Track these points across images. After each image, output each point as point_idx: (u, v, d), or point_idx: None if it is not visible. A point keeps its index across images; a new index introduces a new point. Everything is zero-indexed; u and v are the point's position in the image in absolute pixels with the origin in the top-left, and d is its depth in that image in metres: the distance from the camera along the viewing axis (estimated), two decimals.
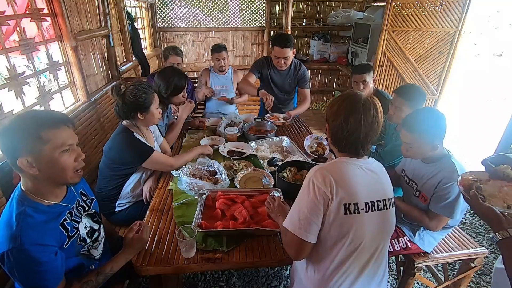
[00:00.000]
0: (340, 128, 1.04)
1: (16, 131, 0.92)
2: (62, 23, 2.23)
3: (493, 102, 6.21)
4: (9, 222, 0.92)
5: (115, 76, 3.17)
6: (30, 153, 0.92)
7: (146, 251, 1.22)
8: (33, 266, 0.91)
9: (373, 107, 1.03)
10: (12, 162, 0.94)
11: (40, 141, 0.92)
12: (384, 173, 1.12)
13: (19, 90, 1.75)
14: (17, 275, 0.92)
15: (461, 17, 3.38)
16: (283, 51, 2.38)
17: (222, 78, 3.03)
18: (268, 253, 1.23)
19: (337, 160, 1.08)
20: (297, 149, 2.00)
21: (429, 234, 1.56)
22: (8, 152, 0.93)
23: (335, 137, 1.08)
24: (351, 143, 1.04)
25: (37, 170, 0.94)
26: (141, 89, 1.59)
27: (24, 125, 0.93)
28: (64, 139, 0.97)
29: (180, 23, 5.07)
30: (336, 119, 1.05)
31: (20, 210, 0.94)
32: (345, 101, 1.05)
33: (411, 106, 1.81)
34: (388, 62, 3.62)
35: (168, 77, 2.00)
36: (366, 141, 1.04)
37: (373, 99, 1.05)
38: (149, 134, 1.79)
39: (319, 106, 5.42)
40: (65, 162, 0.98)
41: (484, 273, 2.11)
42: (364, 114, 1.01)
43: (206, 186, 1.55)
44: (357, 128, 1.01)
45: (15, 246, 0.88)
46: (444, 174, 1.36)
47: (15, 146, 0.92)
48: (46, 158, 0.94)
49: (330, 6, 5.15)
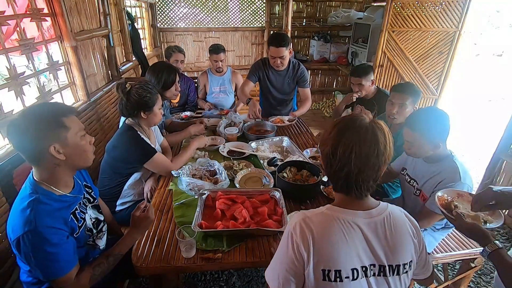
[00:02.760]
0: (328, 161, 0.85)
1: (40, 121, 0.97)
2: (62, 23, 2.23)
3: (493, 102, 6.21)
4: (23, 209, 0.97)
5: (115, 76, 3.17)
6: (57, 140, 0.99)
7: (146, 251, 1.23)
8: (47, 248, 0.96)
9: (372, 135, 0.81)
10: (37, 155, 0.99)
11: (64, 128, 1.01)
12: (403, 224, 0.88)
13: (19, 90, 1.75)
14: (33, 258, 0.96)
15: (461, 17, 3.38)
16: (279, 50, 2.37)
17: (220, 79, 3.04)
18: (268, 253, 1.23)
19: (326, 210, 0.86)
20: (297, 149, 1.99)
21: (429, 234, 1.56)
22: (34, 147, 0.97)
23: (326, 171, 0.90)
24: (342, 180, 0.84)
25: (64, 156, 1.01)
26: (146, 89, 1.63)
27: (46, 115, 0.99)
28: (80, 125, 1.08)
29: (180, 23, 5.07)
30: (324, 148, 0.87)
31: (33, 198, 0.99)
32: (336, 126, 0.85)
33: (413, 101, 1.82)
34: (388, 62, 3.62)
35: (157, 72, 2.00)
36: (362, 179, 0.82)
37: (375, 125, 0.83)
38: (151, 133, 1.81)
39: (319, 106, 5.42)
40: (86, 146, 1.08)
41: (484, 273, 2.11)
42: (356, 143, 0.80)
43: (206, 186, 1.55)
44: (347, 162, 0.81)
45: (30, 229, 0.93)
46: (446, 175, 1.36)
47: (43, 135, 0.97)
48: (71, 143, 1.03)
49: (330, 6, 5.15)
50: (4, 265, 1.38)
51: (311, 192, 1.58)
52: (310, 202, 1.55)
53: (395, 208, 0.91)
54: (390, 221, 0.86)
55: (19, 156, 1.53)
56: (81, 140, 1.06)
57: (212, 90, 3.05)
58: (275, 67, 2.51)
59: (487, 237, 0.99)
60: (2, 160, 1.47)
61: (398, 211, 0.91)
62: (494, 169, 2.44)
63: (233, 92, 3.13)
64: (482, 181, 2.57)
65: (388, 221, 0.85)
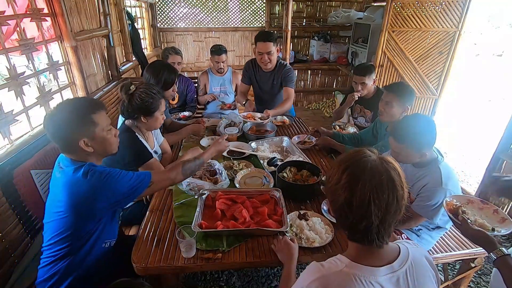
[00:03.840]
0: (343, 213, 0.77)
1: (72, 118, 1.10)
2: (62, 23, 2.23)
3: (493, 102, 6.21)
4: (84, 175, 1.09)
5: (115, 76, 3.17)
6: (86, 135, 1.12)
7: (146, 251, 1.23)
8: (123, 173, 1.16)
9: (388, 179, 0.73)
10: (70, 145, 1.12)
11: (93, 124, 1.13)
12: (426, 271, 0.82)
13: (19, 90, 1.75)
14: (123, 187, 1.14)
15: (461, 17, 3.37)
16: (266, 45, 2.34)
17: (221, 79, 3.04)
18: (268, 253, 1.23)
19: (345, 268, 0.76)
20: (297, 149, 2.00)
21: (426, 234, 1.58)
22: (66, 138, 1.11)
23: (340, 222, 0.82)
24: (361, 232, 0.76)
25: (92, 148, 1.14)
26: (150, 94, 1.60)
27: (78, 112, 1.11)
28: (108, 120, 1.20)
29: (180, 23, 5.07)
30: (335, 199, 0.77)
31: (87, 164, 1.13)
32: (346, 172, 0.76)
33: (401, 102, 1.83)
34: (388, 62, 3.62)
35: (158, 72, 1.98)
36: (384, 228, 0.75)
37: (387, 164, 0.75)
38: (149, 136, 1.80)
39: (319, 106, 5.42)
40: (111, 139, 1.21)
41: (484, 273, 2.11)
42: (373, 192, 0.71)
43: (206, 186, 1.56)
44: (366, 215, 0.72)
45: (104, 174, 1.11)
46: (429, 180, 1.40)
47: (74, 131, 1.10)
48: (98, 137, 1.15)
49: (330, 6, 5.15)
50: (4, 265, 1.38)
51: (311, 192, 1.58)
52: (310, 202, 1.55)
53: (416, 253, 0.84)
54: (412, 272, 0.79)
55: (19, 156, 1.55)
56: (107, 134, 1.18)
57: (213, 90, 3.05)
58: (263, 65, 2.45)
59: (493, 243, 0.99)
60: (2, 160, 1.47)
61: (419, 256, 0.84)
62: (494, 169, 2.44)
63: (234, 92, 3.12)
64: (482, 181, 2.57)
65: (411, 272, 0.79)
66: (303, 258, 1.21)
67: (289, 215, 1.38)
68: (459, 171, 3.47)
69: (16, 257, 1.45)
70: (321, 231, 1.30)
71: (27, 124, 1.85)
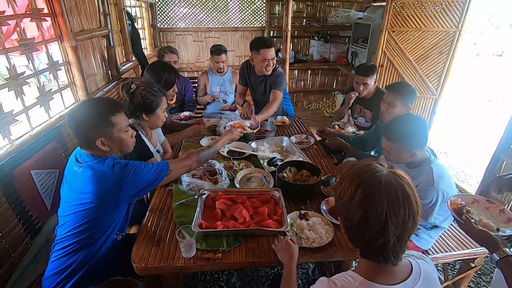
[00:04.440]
0: (359, 231, 0.74)
1: (93, 118, 1.16)
2: (62, 23, 2.23)
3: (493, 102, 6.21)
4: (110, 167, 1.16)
5: (115, 76, 3.17)
6: (103, 135, 1.17)
7: (146, 251, 1.23)
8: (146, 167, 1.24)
9: (403, 195, 0.71)
10: (88, 143, 1.18)
11: (110, 125, 1.18)
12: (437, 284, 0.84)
13: (19, 90, 1.75)
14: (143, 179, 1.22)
15: (461, 17, 3.37)
16: (272, 51, 2.31)
17: (221, 79, 3.04)
18: (268, 253, 1.23)
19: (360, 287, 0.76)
20: (297, 149, 2.00)
21: (424, 233, 1.58)
22: (85, 136, 1.17)
23: (354, 241, 0.80)
24: (377, 250, 0.74)
25: (108, 147, 1.20)
26: (151, 91, 1.62)
27: (98, 113, 1.17)
28: (126, 121, 1.25)
29: (180, 23, 5.07)
30: (350, 216, 0.75)
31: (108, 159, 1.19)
32: (358, 190, 0.73)
33: (404, 101, 1.83)
34: (388, 62, 3.62)
35: (158, 72, 1.98)
36: (400, 245, 0.74)
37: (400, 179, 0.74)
38: (152, 134, 1.81)
39: (319, 106, 5.42)
40: (127, 140, 1.27)
41: (484, 273, 2.11)
42: (390, 208, 0.70)
43: (206, 186, 1.56)
44: (383, 232, 0.71)
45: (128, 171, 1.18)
46: (421, 179, 1.40)
47: (92, 131, 1.16)
48: (115, 138, 1.21)
49: (330, 6, 5.15)
50: (4, 265, 1.38)
51: (311, 192, 1.58)
52: (310, 202, 1.55)
53: (427, 267, 0.83)
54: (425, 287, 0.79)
55: (19, 156, 1.55)
56: (124, 135, 1.25)
57: (213, 90, 3.05)
58: (266, 71, 2.39)
59: (497, 244, 0.99)
60: (2, 160, 1.47)
61: (430, 269, 0.84)
62: (494, 169, 2.44)
63: (233, 92, 3.12)
64: (482, 181, 2.57)
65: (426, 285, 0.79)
66: (302, 258, 1.21)
67: (289, 215, 1.38)
68: (459, 171, 3.48)
69: (16, 257, 1.45)
70: (321, 231, 1.30)
71: (27, 124, 1.85)
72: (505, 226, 1.15)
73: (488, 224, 1.14)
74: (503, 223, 1.17)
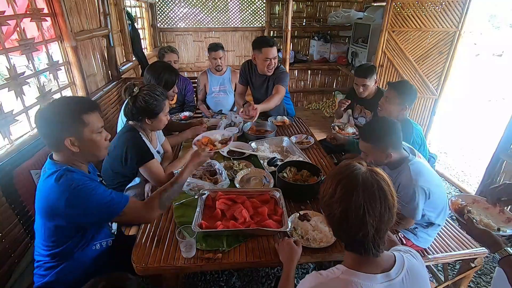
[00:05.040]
0: (340, 226, 0.81)
1: (62, 115, 1.07)
2: (62, 23, 2.23)
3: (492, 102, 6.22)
4: (57, 179, 1.06)
5: (115, 76, 3.17)
6: (73, 134, 1.08)
7: (146, 251, 1.23)
8: (95, 193, 1.09)
9: (378, 189, 0.77)
10: (56, 143, 1.09)
11: (82, 124, 1.09)
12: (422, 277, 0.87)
13: (19, 90, 1.75)
14: (91, 209, 1.07)
15: (461, 17, 3.37)
16: (273, 50, 2.35)
17: (220, 78, 3.04)
18: (268, 253, 1.23)
19: (342, 275, 0.80)
20: (297, 149, 2.00)
21: (422, 232, 1.59)
22: (53, 135, 1.08)
23: (337, 235, 0.86)
24: (358, 242, 0.79)
25: (78, 148, 1.10)
26: (153, 95, 1.60)
27: (68, 110, 1.08)
28: (99, 122, 1.15)
29: (180, 23, 5.07)
30: (331, 213, 0.81)
31: (63, 168, 1.09)
32: (339, 185, 0.79)
33: (400, 99, 1.85)
34: (388, 62, 3.62)
35: (159, 72, 1.98)
36: (379, 236, 0.79)
37: (376, 176, 0.80)
38: (153, 136, 1.80)
39: (319, 106, 5.42)
40: (100, 141, 1.16)
41: (484, 273, 2.11)
42: (367, 203, 0.75)
43: (206, 186, 1.56)
44: (362, 225, 0.76)
45: (73, 187, 1.05)
46: (401, 179, 1.43)
47: (61, 129, 1.07)
48: (86, 138, 1.11)
49: (330, 6, 5.15)
50: (4, 265, 1.38)
51: (311, 192, 1.57)
52: (310, 202, 1.55)
53: (413, 261, 0.87)
54: (408, 280, 0.81)
55: (19, 156, 1.55)
56: (97, 136, 1.14)
57: (212, 90, 3.05)
58: (267, 71, 2.42)
59: (498, 243, 0.99)
60: (2, 160, 1.47)
61: (416, 264, 0.87)
62: (494, 169, 2.44)
63: (233, 92, 3.13)
64: (482, 181, 2.57)
65: (407, 280, 0.81)
66: (303, 258, 1.21)
67: (289, 218, 1.37)
68: (459, 171, 3.48)
69: (16, 257, 1.45)
70: (326, 229, 1.30)
71: (27, 124, 1.85)
72: (506, 226, 1.16)
73: (489, 224, 1.15)
74: (503, 223, 1.18)
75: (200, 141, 1.64)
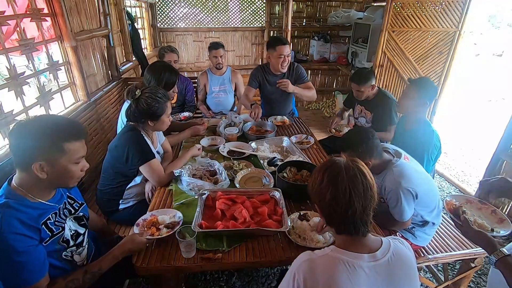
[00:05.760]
0: (332, 208, 0.88)
1: (42, 137, 0.95)
2: (62, 23, 2.23)
3: (492, 102, 6.22)
4: None
5: (115, 76, 3.17)
6: (46, 159, 0.96)
7: (146, 251, 1.22)
8: (13, 256, 0.91)
9: (358, 172, 0.88)
10: (24, 163, 0.97)
11: (61, 152, 0.98)
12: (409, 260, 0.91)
13: (19, 90, 1.75)
14: None
15: (461, 17, 3.37)
16: (287, 47, 2.46)
17: (220, 78, 3.04)
18: (268, 253, 1.23)
19: (331, 252, 0.88)
20: (297, 149, 2.00)
21: (419, 231, 1.60)
22: (24, 154, 0.96)
23: (329, 218, 0.92)
24: (349, 221, 0.87)
25: (46, 174, 0.98)
26: (156, 98, 1.60)
27: (51, 133, 0.96)
28: (80, 153, 1.04)
29: (180, 23, 5.08)
30: (322, 198, 0.90)
31: (2, 202, 0.95)
32: (325, 174, 0.90)
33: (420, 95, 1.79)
34: (388, 62, 3.62)
35: (159, 73, 1.98)
36: (366, 214, 0.87)
37: (354, 164, 0.91)
38: (154, 137, 1.81)
39: (319, 106, 5.42)
40: (74, 172, 1.05)
41: (484, 273, 2.11)
42: (351, 183, 0.86)
43: (206, 186, 1.56)
44: (350, 204, 0.85)
45: None
46: (386, 183, 1.45)
47: (34, 151, 0.95)
48: (60, 166, 1.00)
49: (330, 6, 5.16)
50: None
51: None
52: (310, 202, 1.55)
53: (398, 245, 0.92)
54: (394, 262, 0.87)
55: None
56: (73, 166, 1.03)
57: (212, 90, 3.05)
58: (282, 67, 2.52)
59: (493, 245, 1.00)
60: (2, 160, 1.47)
61: (403, 249, 0.92)
62: (494, 169, 2.44)
63: (233, 92, 3.13)
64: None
65: (393, 262, 0.87)
66: None
67: (289, 217, 1.37)
68: (459, 171, 3.48)
69: None
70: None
71: None
72: (499, 227, 1.16)
73: (483, 224, 1.15)
74: (496, 224, 1.19)
75: (146, 222, 1.35)
